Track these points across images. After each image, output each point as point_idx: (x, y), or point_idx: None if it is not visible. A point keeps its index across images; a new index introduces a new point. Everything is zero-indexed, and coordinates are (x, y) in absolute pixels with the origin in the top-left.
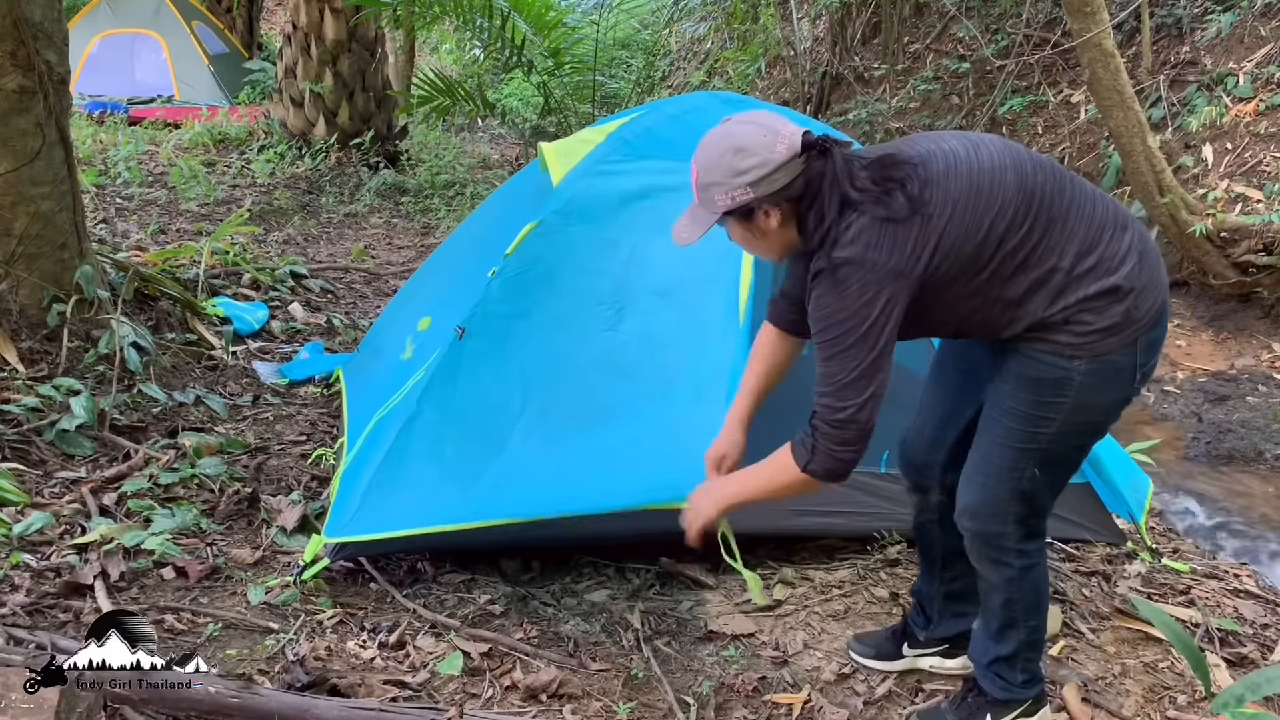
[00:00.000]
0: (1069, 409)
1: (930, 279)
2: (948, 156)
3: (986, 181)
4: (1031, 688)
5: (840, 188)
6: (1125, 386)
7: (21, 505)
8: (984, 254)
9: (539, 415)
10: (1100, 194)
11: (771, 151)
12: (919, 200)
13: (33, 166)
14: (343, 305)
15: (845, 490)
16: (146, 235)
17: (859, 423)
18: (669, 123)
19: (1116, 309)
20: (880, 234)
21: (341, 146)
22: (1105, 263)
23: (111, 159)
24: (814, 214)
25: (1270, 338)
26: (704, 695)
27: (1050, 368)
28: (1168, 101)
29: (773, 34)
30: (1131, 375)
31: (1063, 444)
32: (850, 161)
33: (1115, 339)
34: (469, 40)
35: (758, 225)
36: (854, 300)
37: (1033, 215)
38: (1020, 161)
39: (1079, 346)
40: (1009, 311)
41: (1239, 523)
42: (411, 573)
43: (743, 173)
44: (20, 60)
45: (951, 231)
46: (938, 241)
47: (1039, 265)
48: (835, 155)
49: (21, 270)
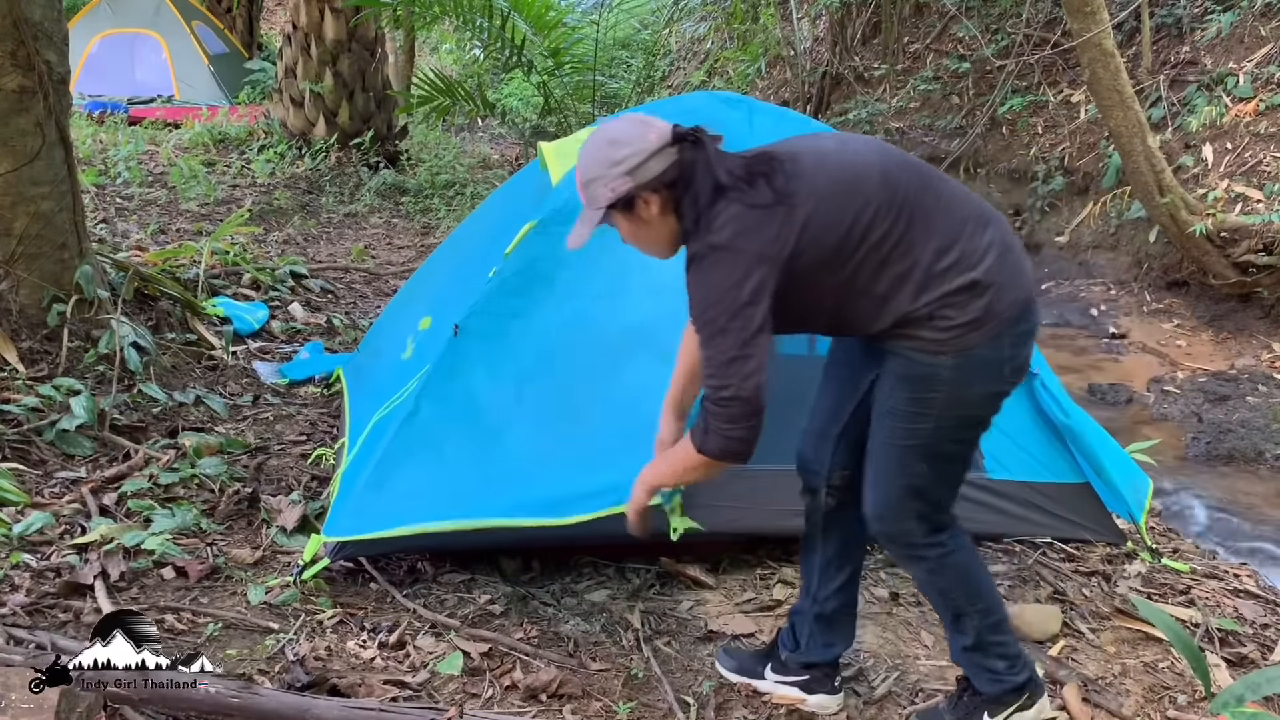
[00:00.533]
0: (943, 404)
1: (797, 267)
2: (816, 153)
3: (851, 176)
4: (1017, 672)
5: (713, 174)
6: (996, 380)
7: (21, 505)
8: (848, 246)
9: (535, 414)
10: (966, 193)
11: (644, 140)
12: (784, 191)
13: (33, 166)
14: (343, 305)
15: None
16: (146, 235)
17: (742, 399)
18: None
19: (977, 304)
20: (748, 220)
21: (341, 146)
22: (965, 258)
23: (111, 159)
24: (689, 200)
25: (1270, 338)
26: (704, 695)
27: (919, 365)
28: (1168, 101)
29: (773, 34)
30: (1000, 368)
31: (944, 439)
32: (722, 152)
33: (978, 333)
34: (469, 40)
35: (639, 215)
36: (725, 283)
37: (895, 210)
38: (887, 159)
39: (944, 342)
40: (876, 306)
41: (1239, 523)
42: (411, 573)
43: (619, 162)
44: (20, 60)
45: (816, 221)
46: (801, 230)
47: (901, 260)
48: (707, 145)
49: (21, 270)
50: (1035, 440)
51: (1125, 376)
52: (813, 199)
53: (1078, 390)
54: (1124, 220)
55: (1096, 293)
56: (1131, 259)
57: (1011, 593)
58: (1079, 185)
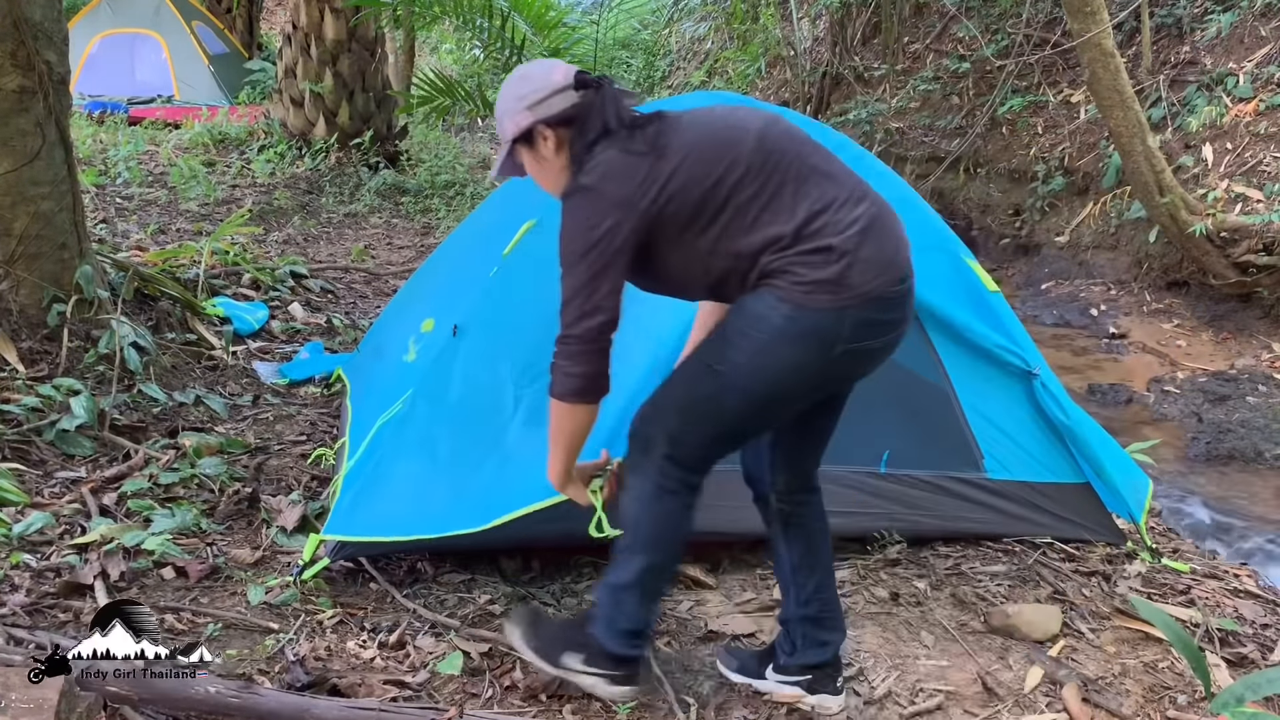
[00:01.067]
0: (757, 346)
1: (664, 221)
2: (703, 114)
3: (724, 136)
4: (628, 648)
5: (603, 119)
6: (820, 353)
7: (21, 505)
8: (712, 202)
9: (532, 413)
10: (849, 172)
11: (548, 78)
12: (657, 143)
13: (33, 166)
14: (343, 305)
15: (845, 490)
16: (146, 235)
17: (577, 336)
18: None
19: (829, 268)
20: (616, 165)
21: (341, 146)
22: (830, 226)
23: (111, 159)
24: (578, 140)
25: (1270, 338)
26: (704, 695)
27: (759, 302)
28: (1168, 101)
29: (773, 34)
30: (830, 344)
31: (735, 384)
32: (619, 102)
33: (823, 296)
34: (469, 40)
35: (539, 151)
36: (583, 223)
37: (767, 174)
38: (770, 127)
39: (788, 291)
40: (745, 269)
41: (1239, 523)
42: (411, 573)
43: (523, 97)
44: (20, 60)
45: (682, 173)
46: (666, 180)
47: (770, 224)
48: (606, 92)
49: (21, 270)
50: (1035, 440)
51: (1125, 376)
52: (682, 152)
53: (1078, 390)
54: (1124, 220)
55: (1096, 293)
56: (1131, 259)
57: (1011, 593)
58: (1079, 185)
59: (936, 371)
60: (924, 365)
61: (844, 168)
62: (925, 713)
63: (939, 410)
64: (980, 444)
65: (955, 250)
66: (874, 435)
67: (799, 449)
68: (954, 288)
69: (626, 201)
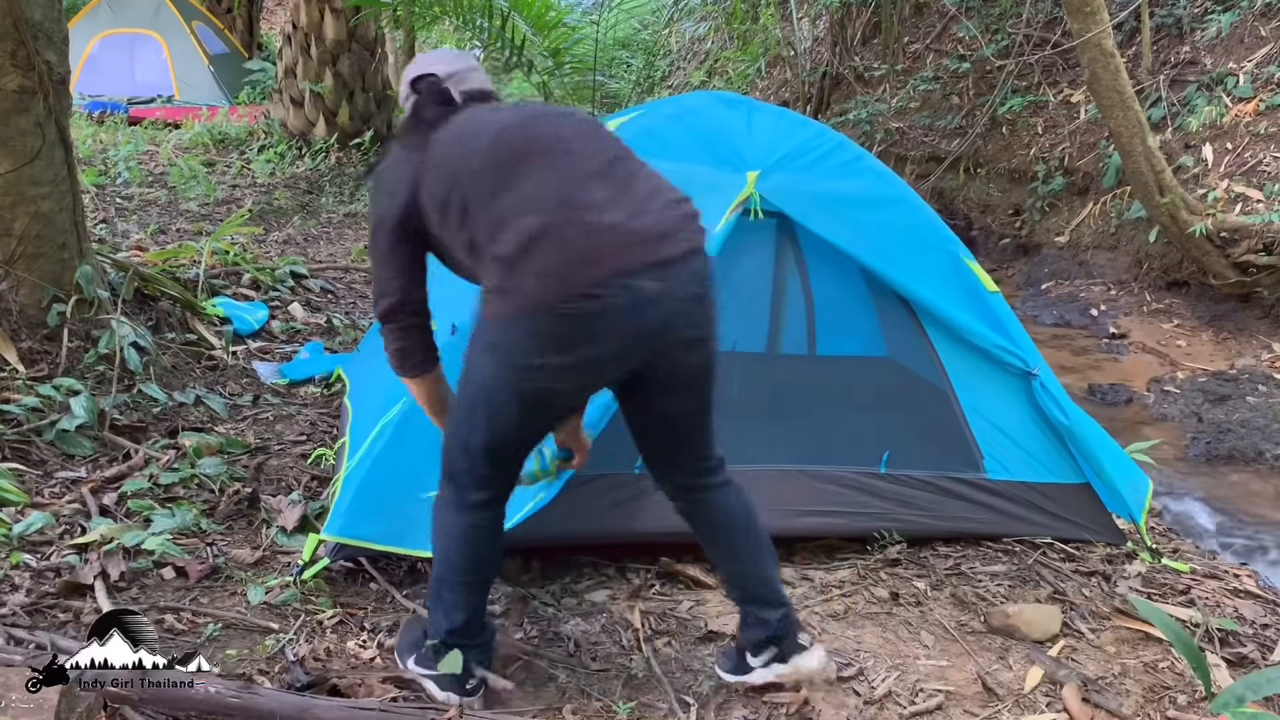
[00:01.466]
0: (467, 357)
1: (422, 215)
2: (476, 112)
3: (469, 136)
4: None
5: (416, 116)
6: (500, 367)
7: (21, 505)
8: (452, 202)
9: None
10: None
11: (409, 76)
12: (429, 139)
13: (33, 166)
14: (343, 305)
15: (845, 490)
16: (146, 235)
17: (378, 316)
18: (667, 123)
19: (497, 277)
20: (392, 159)
21: (341, 146)
22: (508, 235)
23: (111, 159)
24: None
25: (1270, 338)
26: (704, 695)
27: (480, 307)
28: (1168, 101)
29: (773, 34)
30: (503, 358)
31: (466, 396)
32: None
33: (497, 306)
34: (469, 40)
35: None
36: (372, 210)
37: (489, 175)
38: (513, 125)
39: (482, 300)
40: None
41: (1239, 523)
42: (411, 573)
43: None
44: (20, 60)
45: (430, 172)
46: (418, 179)
47: (478, 229)
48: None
49: (21, 270)
50: (1035, 440)
51: (1125, 376)
52: (437, 151)
53: (1078, 390)
54: (1124, 220)
55: (1096, 293)
56: (1131, 259)
57: (1011, 593)
58: (1079, 185)
59: (936, 372)
60: (923, 365)
61: (592, 170)
62: (925, 713)
63: (939, 411)
64: (980, 444)
65: (954, 251)
66: (874, 435)
67: (654, 450)
68: (953, 288)
69: (390, 195)
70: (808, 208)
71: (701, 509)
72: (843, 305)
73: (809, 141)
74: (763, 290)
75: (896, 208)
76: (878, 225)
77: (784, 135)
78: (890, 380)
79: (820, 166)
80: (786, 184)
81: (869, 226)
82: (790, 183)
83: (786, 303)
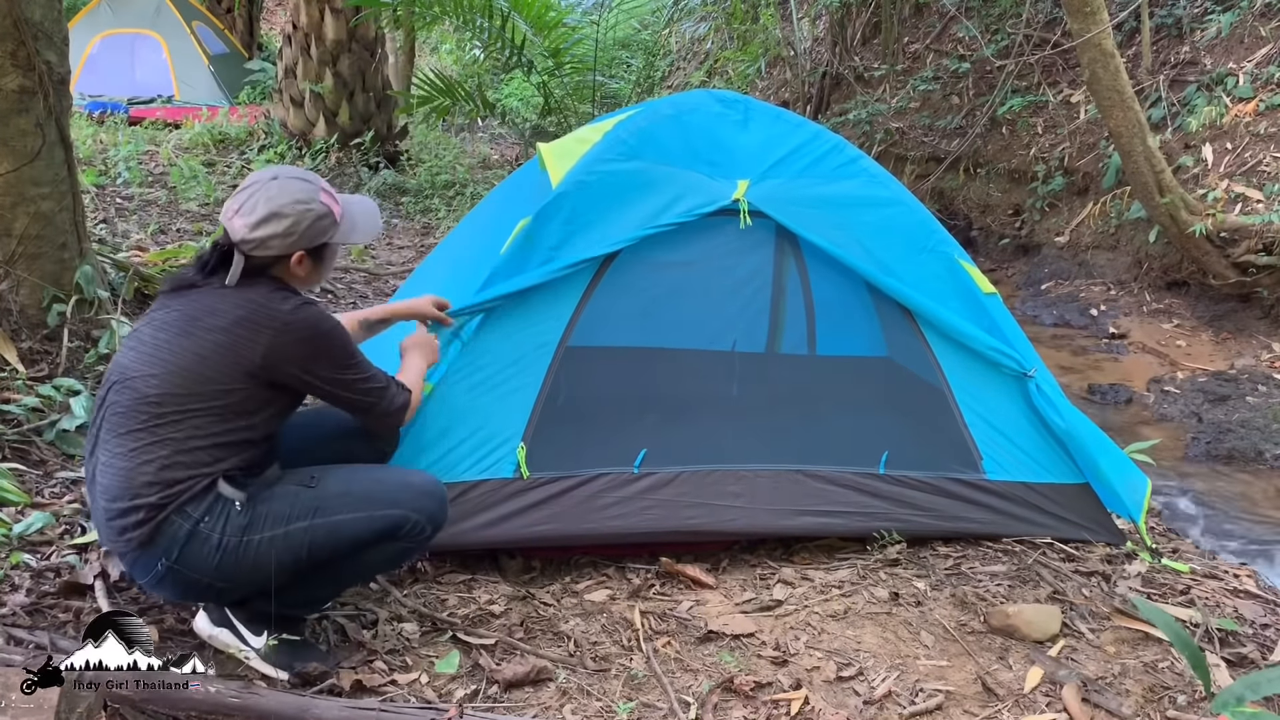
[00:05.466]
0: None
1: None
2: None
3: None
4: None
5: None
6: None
7: (21, 505)
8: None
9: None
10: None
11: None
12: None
13: (33, 166)
14: (343, 305)
15: (845, 490)
16: (146, 235)
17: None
18: (665, 123)
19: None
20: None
21: (341, 146)
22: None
23: (111, 159)
24: None
25: (1270, 338)
26: (704, 695)
27: None
28: (1168, 101)
29: (773, 34)
30: None
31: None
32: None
33: None
34: (469, 40)
35: None
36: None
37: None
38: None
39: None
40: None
41: (1239, 523)
42: (411, 572)
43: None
44: (20, 60)
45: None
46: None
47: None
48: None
49: (21, 270)
50: (1033, 441)
51: (1125, 376)
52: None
53: (1078, 390)
54: (1124, 220)
55: (1096, 293)
56: (1131, 259)
57: (1011, 593)
58: (1079, 185)
59: (934, 373)
60: (922, 367)
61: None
62: (925, 713)
63: (937, 411)
64: (979, 445)
65: (950, 253)
66: (873, 436)
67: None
68: (948, 291)
69: None
70: (800, 214)
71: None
72: (843, 305)
73: (805, 144)
74: (763, 290)
75: (892, 210)
76: (872, 228)
77: (780, 138)
78: (890, 380)
79: (815, 170)
80: (779, 190)
81: (863, 229)
82: (783, 189)
83: (786, 303)
